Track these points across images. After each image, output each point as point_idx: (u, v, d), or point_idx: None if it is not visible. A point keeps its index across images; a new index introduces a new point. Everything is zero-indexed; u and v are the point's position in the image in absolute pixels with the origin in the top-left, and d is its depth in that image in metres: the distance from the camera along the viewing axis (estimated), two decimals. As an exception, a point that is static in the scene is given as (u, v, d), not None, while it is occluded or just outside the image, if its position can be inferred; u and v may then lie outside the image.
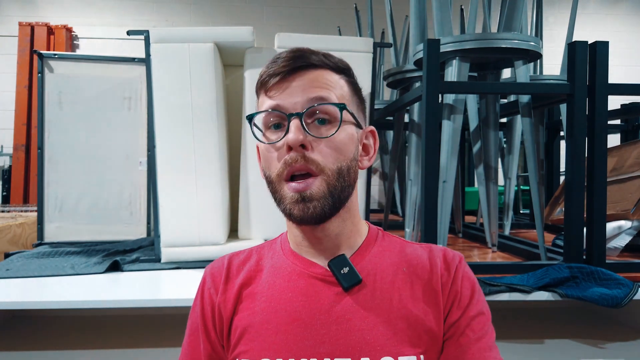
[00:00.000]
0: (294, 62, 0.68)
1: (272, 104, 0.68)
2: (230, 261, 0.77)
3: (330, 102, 0.68)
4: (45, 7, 4.11)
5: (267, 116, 0.69)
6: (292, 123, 0.66)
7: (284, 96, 0.68)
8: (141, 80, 1.98)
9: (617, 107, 2.05)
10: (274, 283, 0.72)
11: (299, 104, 0.67)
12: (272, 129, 0.69)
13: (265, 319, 0.69)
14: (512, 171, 1.96)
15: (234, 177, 1.75)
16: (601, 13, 4.57)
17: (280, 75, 0.68)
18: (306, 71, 0.69)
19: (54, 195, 1.96)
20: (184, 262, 1.62)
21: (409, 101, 1.68)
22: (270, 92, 0.69)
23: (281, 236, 0.80)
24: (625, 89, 1.52)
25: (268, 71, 0.70)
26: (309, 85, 0.68)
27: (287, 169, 0.67)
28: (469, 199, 2.76)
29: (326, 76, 0.70)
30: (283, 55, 0.69)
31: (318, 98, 0.67)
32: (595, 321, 1.69)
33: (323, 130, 0.68)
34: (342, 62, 0.73)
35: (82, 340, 1.52)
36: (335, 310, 0.68)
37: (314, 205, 0.66)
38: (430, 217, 1.36)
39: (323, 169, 0.67)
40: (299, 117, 0.66)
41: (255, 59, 1.65)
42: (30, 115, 3.93)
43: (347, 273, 0.69)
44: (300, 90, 0.67)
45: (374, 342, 0.66)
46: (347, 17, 3.97)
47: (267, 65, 0.71)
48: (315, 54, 0.70)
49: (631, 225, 1.57)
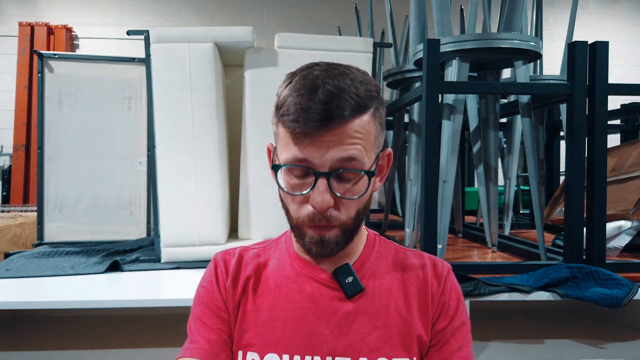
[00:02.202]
0: (327, 122, 0.63)
1: (301, 156, 0.65)
2: (241, 254, 0.79)
3: (359, 163, 0.66)
4: (45, 7, 4.11)
5: (292, 167, 0.67)
6: (319, 182, 0.65)
7: (313, 151, 0.64)
8: (141, 80, 1.98)
9: (617, 107, 2.05)
10: (281, 283, 0.75)
11: (328, 163, 0.65)
12: (295, 176, 0.68)
13: (273, 316, 0.73)
14: (512, 171, 1.96)
15: (234, 177, 1.75)
16: (601, 13, 4.57)
17: (313, 136, 0.64)
18: (338, 127, 0.64)
19: (54, 195, 1.96)
20: (184, 262, 1.62)
21: (409, 101, 1.68)
22: (298, 142, 0.65)
23: (285, 235, 0.81)
24: (625, 89, 1.52)
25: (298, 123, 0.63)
26: (340, 143, 0.64)
27: (309, 222, 0.68)
28: (469, 199, 2.76)
29: (356, 127, 0.65)
30: (314, 108, 0.63)
31: (348, 159, 0.65)
32: (595, 321, 1.69)
33: (349, 190, 0.67)
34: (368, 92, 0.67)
35: (82, 340, 1.52)
36: (338, 314, 0.72)
37: (332, 247, 0.70)
38: (430, 217, 1.36)
39: (344, 222, 0.69)
40: (327, 177, 0.65)
41: (255, 59, 1.65)
42: (30, 115, 3.93)
43: (351, 282, 0.73)
44: (331, 148, 0.64)
45: (371, 344, 0.71)
46: (347, 17, 3.97)
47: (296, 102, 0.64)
48: (347, 101, 0.64)
49: (631, 225, 1.57)
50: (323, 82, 0.65)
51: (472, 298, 1.26)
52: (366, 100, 0.66)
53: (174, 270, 1.58)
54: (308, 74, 0.67)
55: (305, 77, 0.66)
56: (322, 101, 0.63)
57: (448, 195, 1.47)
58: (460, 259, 1.57)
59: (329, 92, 0.64)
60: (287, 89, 0.67)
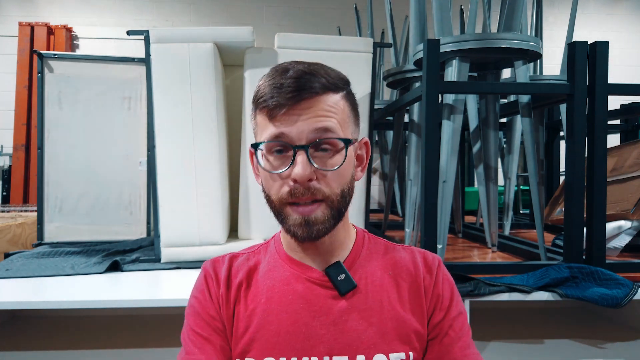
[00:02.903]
0: (299, 93, 0.67)
1: (277, 132, 0.68)
2: (231, 261, 0.79)
3: (335, 135, 0.69)
4: (45, 7, 4.11)
5: (272, 144, 0.69)
6: (298, 155, 0.67)
7: (289, 125, 0.67)
8: (141, 80, 1.98)
9: (617, 107, 2.05)
10: (273, 286, 0.75)
11: (304, 135, 0.67)
12: (275, 154, 0.70)
13: (267, 320, 0.72)
14: (512, 171, 1.96)
15: (234, 177, 1.75)
16: (601, 13, 4.57)
17: (287, 107, 0.67)
18: (310, 99, 0.68)
19: (54, 195, 1.96)
20: (184, 262, 1.62)
21: (409, 101, 1.68)
22: (275, 120, 0.68)
23: (274, 238, 0.82)
24: (625, 89, 1.52)
25: (272, 99, 0.68)
26: (314, 115, 0.68)
27: (292, 198, 0.69)
28: (469, 199, 2.76)
29: (329, 102, 0.69)
30: (287, 83, 0.67)
31: (323, 129, 0.68)
32: (595, 321, 1.69)
33: (328, 161, 0.69)
34: (340, 77, 0.72)
35: (82, 340, 1.52)
36: (332, 313, 0.72)
37: (318, 228, 0.69)
38: (430, 217, 1.36)
39: (329, 196, 0.69)
40: (305, 150, 0.67)
41: (255, 59, 1.65)
42: (30, 115, 3.93)
43: (343, 280, 0.73)
44: (306, 121, 0.67)
45: (367, 341, 0.71)
46: (347, 17, 3.97)
47: (269, 83, 0.69)
48: (318, 78, 0.69)
49: (631, 225, 1.57)
50: (294, 65, 0.70)
51: (472, 298, 1.26)
52: (337, 81, 0.71)
53: (174, 270, 1.58)
54: (275, 67, 0.72)
55: (274, 68, 0.71)
56: (294, 77, 0.68)
57: (448, 195, 1.47)
58: (460, 259, 1.57)
59: (300, 71, 0.68)
60: (261, 81, 0.72)
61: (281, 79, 0.68)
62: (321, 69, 0.70)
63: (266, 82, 0.70)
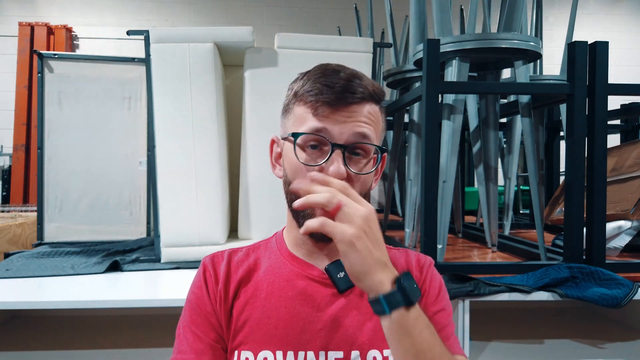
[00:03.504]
0: (348, 96, 0.69)
1: (320, 126, 0.70)
2: (230, 256, 0.80)
3: (372, 142, 0.72)
4: (45, 7, 4.11)
5: (310, 137, 0.71)
6: (335, 153, 0.69)
7: (332, 123, 0.70)
8: (141, 80, 1.98)
9: (617, 107, 2.05)
10: (273, 282, 0.77)
11: (344, 135, 0.70)
12: (310, 149, 0.71)
13: (266, 315, 0.74)
14: (512, 171, 1.96)
15: (234, 177, 1.75)
16: (601, 13, 4.57)
17: (335, 106, 0.69)
18: (357, 103, 0.71)
19: (54, 195, 1.96)
20: (184, 262, 1.62)
21: (409, 101, 1.68)
22: (319, 116, 0.70)
23: (276, 236, 0.83)
24: (625, 89, 1.52)
25: (321, 95, 0.69)
26: (357, 119, 0.70)
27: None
28: (469, 199, 2.76)
29: (371, 111, 0.72)
30: (338, 84, 0.69)
31: (362, 135, 0.71)
32: (595, 321, 1.69)
33: (360, 166, 0.72)
34: (381, 91, 0.75)
35: (82, 340, 1.52)
36: (330, 310, 0.74)
37: None
38: (430, 217, 1.36)
39: None
40: (343, 149, 0.69)
41: (255, 59, 1.65)
42: (30, 115, 3.93)
43: (342, 277, 0.74)
44: (348, 123, 0.70)
45: (362, 337, 0.73)
46: (347, 17, 3.97)
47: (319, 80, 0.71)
48: (365, 86, 0.71)
49: (631, 225, 1.57)
50: (344, 68, 0.72)
51: (472, 298, 1.26)
52: (379, 94, 0.74)
53: (174, 270, 1.58)
54: (323, 66, 0.73)
55: (322, 67, 0.73)
56: (345, 78, 0.70)
57: (448, 195, 1.47)
58: (460, 259, 1.57)
59: (351, 74, 0.71)
60: (305, 79, 0.73)
61: (332, 78, 0.70)
62: (367, 77, 0.74)
63: (314, 78, 0.71)
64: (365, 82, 0.72)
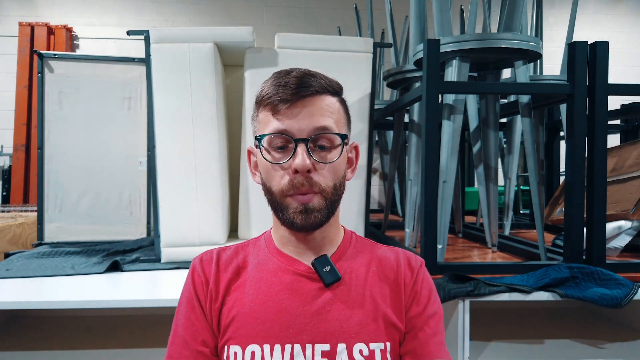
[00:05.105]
0: (301, 90, 0.74)
1: (280, 127, 0.74)
2: (219, 255, 0.83)
3: (333, 132, 0.76)
4: (45, 7, 4.11)
5: (274, 138, 0.75)
6: (299, 148, 0.73)
7: (291, 121, 0.74)
8: (141, 80, 1.98)
9: (617, 107, 2.05)
10: (261, 278, 0.79)
11: (305, 131, 0.74)
12: (277, 150, 0.76)
13: (254, 310, 0.77)
14: (512, 171, 1.96)
15: (234, 176, 1.75)
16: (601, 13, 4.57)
17: (290, 102, 0.74)
18: (311, 97, 0.75)
19: (54, 195, 1.96)
20: (184, 262, 1.62)
21: (409, 101, 1.68)
22: (278, 115, 0.75)
23: (264, 235, 0.87)
24: (625, 89, 1.52)
25: (277, 95, 0.74)
26: (314, 113, 0.75)
27: (293, 189, 0.74)
28: (469, 199, 2.76)
29: (327, 103, 0.76)
30: (290, 81, 0.74)
31: (322, 127, 0.75)
32: (595, 321, 1.69)
33: (325, 155, 0.76)
34: (336, 83, 0.79)
35: (82, 340, 1.52)
36: (316, 303, 0.76)
37: (315, 215, 0.75)
38: (430, 217, 1.36)
39: (324, 189, 0.75)
40: (305, 143, 0.74)
41: (255, 59, 1.65)
42: (30, 115, 3.93)
43: (328, 271, 0.78)
44: (307, 117, 0.74)
45: (349, 330, 0.75)
46: (347, 17, 3.97)
47: (274, 82, 0.75)
48: (318, 80, 0.76)
49: (631, 225, 1.57)
50: (296, 69, 0.77)
51: (472, 298, 1.26)
52: (334, 86, 0.78)
53: (174, 270, 1.58)
54: (277, 71, 0.78)
55: (276, 72, 0.78)
56: (297, 76, 0.75)
57: (448, 195, 1.47)
58: (460, 259, 1.57)
59: (302, 72, 0.76)
60: (262, 85, 0.78)
61: (285, 78, 0.75)
62: (320, 73, 0.78)
63: (270, 82, 0.76)
64: (318, 77, 0.76)
